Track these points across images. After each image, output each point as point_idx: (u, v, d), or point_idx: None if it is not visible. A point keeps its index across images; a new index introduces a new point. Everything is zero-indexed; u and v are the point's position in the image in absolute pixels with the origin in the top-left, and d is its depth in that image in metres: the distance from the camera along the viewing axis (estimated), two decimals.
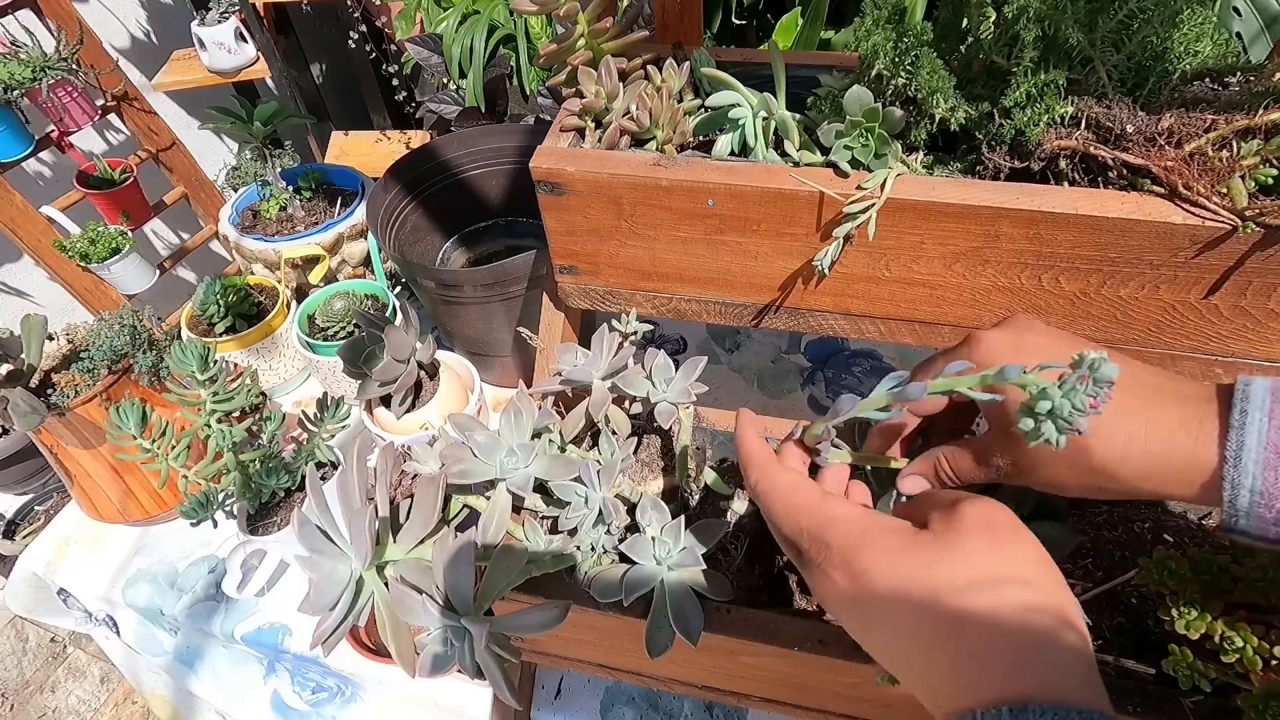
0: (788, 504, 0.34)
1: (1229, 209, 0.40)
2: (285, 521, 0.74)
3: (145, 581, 0.86)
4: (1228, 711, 0.37)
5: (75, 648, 1.72)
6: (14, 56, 1.13)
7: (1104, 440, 0.32)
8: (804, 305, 0.54)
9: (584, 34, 0.54)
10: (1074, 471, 0.33)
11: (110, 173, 1.32)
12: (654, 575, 0.44)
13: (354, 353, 0.72)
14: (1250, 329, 0.45)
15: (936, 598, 0.28)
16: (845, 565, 0.31)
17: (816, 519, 0.33)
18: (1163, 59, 0.44)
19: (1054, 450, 0.30)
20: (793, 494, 0.35)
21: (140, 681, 1.02)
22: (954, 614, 0.27)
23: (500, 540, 0.46)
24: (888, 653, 0.30)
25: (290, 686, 0.86)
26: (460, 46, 1.30)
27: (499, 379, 0.96)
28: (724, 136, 0.52)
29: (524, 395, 0.52)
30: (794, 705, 0.55)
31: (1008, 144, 0.46)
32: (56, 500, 1.17)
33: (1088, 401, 0.27)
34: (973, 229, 0.45)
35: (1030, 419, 0.29)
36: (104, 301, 1.29)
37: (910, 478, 0.39)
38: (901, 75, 0.46)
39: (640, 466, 0.57)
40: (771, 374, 0.98)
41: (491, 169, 0.98)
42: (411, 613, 0.41)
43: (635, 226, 0.52)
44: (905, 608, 0.29)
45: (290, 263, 1.03)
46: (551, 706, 0.73)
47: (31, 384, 0.73)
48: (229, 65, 1.55)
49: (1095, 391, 0.27)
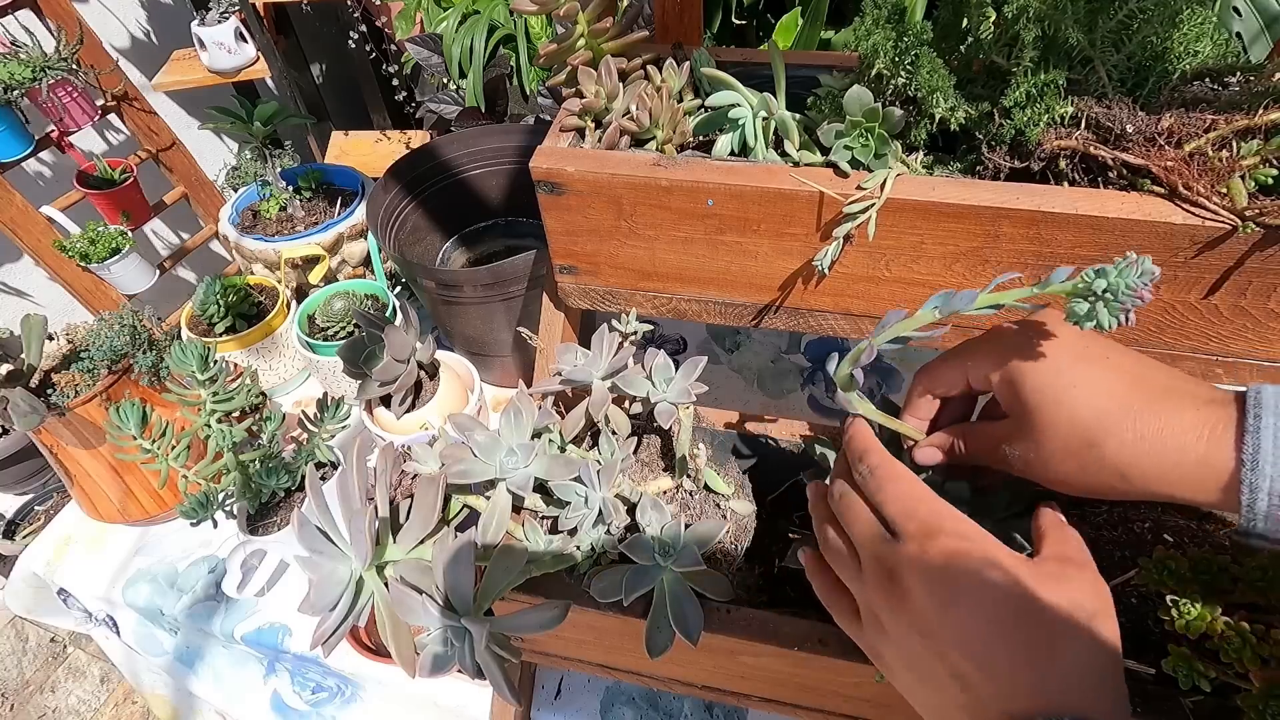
0: (908, 488, 0.35)
1: (1229, 209, 0.40)
2: (285, 521, 0.74)
3: (145, 581, 0.86)
4: (1228, 711, 0.37)
5: (75, 648, 1.72)
6: (14, 56, 1.13)
7: (1114, 439, 0.32)
8: (804, 305, 0.54)
9: (584, 34, 0.54)
10: (1083, 471, 0.33)
11: (110, 173, 1.32)
12: (654, 575, 0.44)
13: (354, 353, 0.72)
14: (1250, 329, 0.45)
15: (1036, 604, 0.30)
16: (954, 536, 0.32)
17: (934, 507, 0.34)
18: (1163, 59, 0.44)
19: (1064, 447, 0.32)
20: (915, 483, 0.36)
21: (140, 681, 1.02)
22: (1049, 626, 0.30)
23: (500, 540, 0.46)
24: (959, 632, 0.31)
25: (290, 686, 0.86)
26: (460, 46, 1.30)
27: (499, 379, 0.96)
28: (724, 136, 0.52)
29: (524, 395, 0.52)
30: (794, 705, 0.55)
31: (1008, 144, 0.46)
32: (56, 500, 1.18)
33: (1138, 286, 0.28)
34: (973, 229, 0.45)
35: (1084, 302, 0.29)
36: (104, 301, 1.29)
37: (926, 449, 0.41)
38: (901, 75, 0.46)
39: (640, 466, 0.57)
40: (771, 374, 0.98)
41: (491, 169, 0.98)
42: (411, 613, 0.40)
43: (635, 226, 0.52)
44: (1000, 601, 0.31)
45: (290, 263, 1.03)
46: (551, 706, 0.73)
47: (31, 384, 0.73)
48: (229, 65, 1.54)
49: (1144, 280, 0.28)
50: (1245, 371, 0.48)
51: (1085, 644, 0.30)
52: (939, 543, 0.32)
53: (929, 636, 0.32)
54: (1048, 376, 0.34)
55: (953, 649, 0.31)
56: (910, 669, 0.33)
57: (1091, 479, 0.33)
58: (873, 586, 0.34)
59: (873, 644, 0.36)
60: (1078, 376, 0.34)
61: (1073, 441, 0.33)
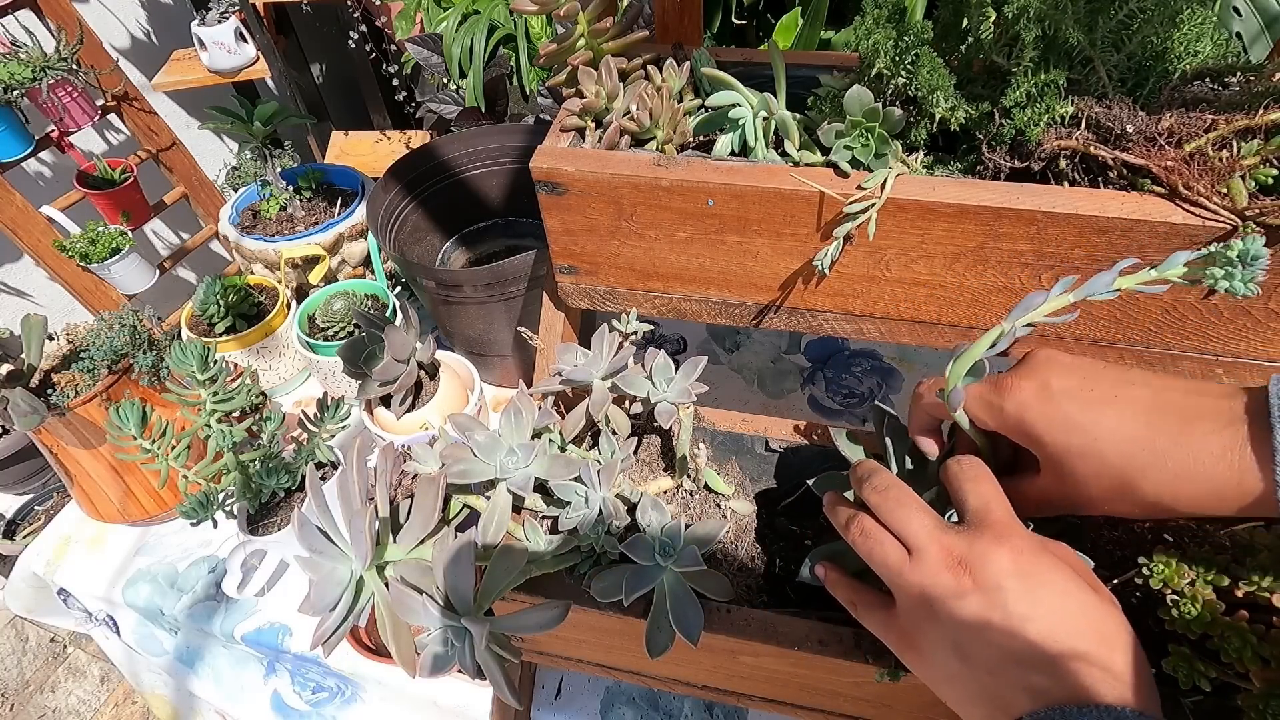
0: (994, 489, 0.37)
1: (1229, 209, 0.40)
2: (285, 521, 0.74)
3: (145, 581, 0.86)
4: (1228, 711, 0.37)
5: (75, 648, 1.72)
6: (14, 56, 1.13)
7: (1149, 482, 0.33)
8: (804, 305, 0.54)
9: (584, 34, 0.54)
10: (1131, 507, 0.35)
11: (110, 173, 1.32)
12: (654, 575, 0.44)
13: (354, 353, 0.72)
14: (1250, 329, 0.45)
15: (1100, 603, 0.33)
16: (1028, 537, 0.35)
17: (1011, 511, 0.36)
18: (1163, 59, 0.44)
19: (1102, 494, 0.35)
20: (998, 486, 0.37)
21: (140, 681, 1.02)
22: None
23: (500, 540, 0.46)
24: (1042, 617, 0.32)
25: (290, 686, 0.86)
26: (460, 46, 1.30)
27: (499, 379, 0.96)
28: (724, 136, 0.52)
29: (524, 395, 0.52)
30: (794, 705, 0.55)
31: (1008, 144, 0.46)
32: (56, 500, 1.18)
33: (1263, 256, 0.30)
34: (973, 229, 0.45)
35: (1218, 269, 0.31)
36: (104, 301, 1.29)
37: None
38: (901, 74, 0.46)
39: (640, 466, 0.57)
40: (771, 374, 0.98)
41: (491, 169, 0.98)
42: (411, 613, 0.41)
43: (635, 226, 0.52)
44: (1076, 593, 0.33)
45: (290, 263, 1.03)
46: (551, 706, 0.73)
47: (31, 384, 0.73)
48: (229, 65, 1.55)
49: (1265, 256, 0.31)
50: (1245, 371, 0.48)
51: (1134, 647, 0.31)
52: (1017, 539, 0.34)
53: (1006, 619, 0.32)
54: (1061, 433, 0.35)
55: (1030, 632, 0.32)
56: (957, 652, 0.34)
57: (1139, 512, 0.35)
58: (934, 571, 0.35)
59: (908, 631, 0.37)
60: (1095, 428, 0.34)
61: (1110, 488, 0.35)
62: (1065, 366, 0.36)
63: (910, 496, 0.38)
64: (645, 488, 0.55)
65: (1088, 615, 0.32)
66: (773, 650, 0.46)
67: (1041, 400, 0.36)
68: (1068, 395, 0.35)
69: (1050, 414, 0.35)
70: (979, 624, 0.33)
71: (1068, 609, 0.32)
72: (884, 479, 0.40)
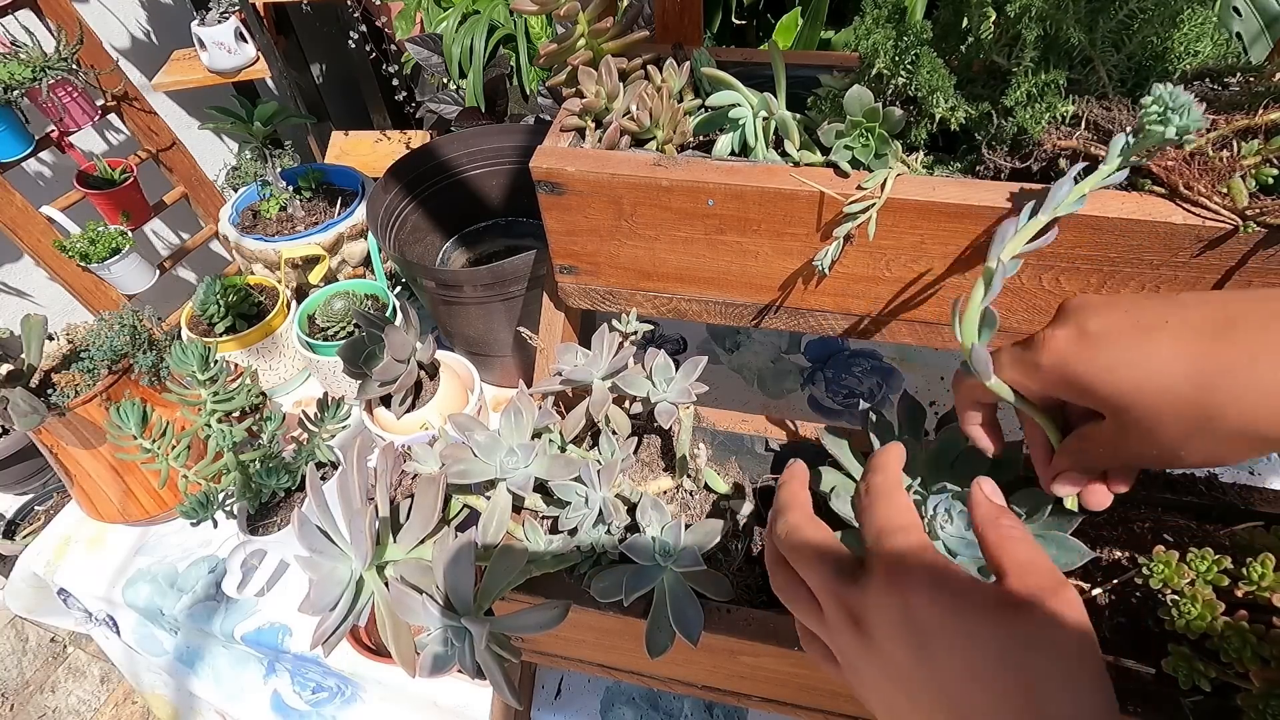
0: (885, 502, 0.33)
1: (1230, 209, 0.40)
2: (285, 521, 0.74)
3: (145, 581, 0.86)
4: (1228, 711, 0.37)
5: (75, 648, 1.72)
6: (14, 56, 1.13)
7: (1233, 407, 0.28)
8: (804, 305, 0.54)
9: (584, 34, 0.54)
10: (1216, 447, 0.29)
11: (110, 173, 1.32)
12: (654, 575, 0.44)
13: (354, 353, 0.72)
14: None
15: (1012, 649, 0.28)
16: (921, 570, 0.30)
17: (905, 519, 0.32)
18: (1163, 59, 0.44)
19: (1183, 432, 0.29)
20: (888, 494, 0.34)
21: (140, 681, 1.02)
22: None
23: (500, 540, 0.46)
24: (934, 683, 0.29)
25: (290, 686, 0.86)
26: (460, 46, 1.30)
27: (499, 379, 0.96)
28: (724, 136, 0.52)
29: (524, 395, 0.52)
30: (794, 705, 0.55)
31: (1008, 144, 0.46)
32: (56, 500, 1.18)
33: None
34: (973, 229, 0.45)
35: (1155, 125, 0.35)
36: (104, 301, 1.29)
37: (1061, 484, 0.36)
38: (901, 74, 0.46)
39: (640, 466, 0.57)
40: (771, 374, 0.98)
41: (491, 169, 0.98)
42: (411, 613, 0.40)
43: (635, 226, 0.52)
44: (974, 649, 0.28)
45: (290, 263, 1.03)
46: (551, 706, 0.73)
47: (31, 384, 0.73)
48: (229, 65, 1.55)
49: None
50: None
51: (1070, 692, 0.27)
52: (914, 578, 0.29)
53: (902, 684, 0.29)
54: (1110, 373, 0.30)
55: (927, 699, 0.29)
56: (890, 713, 0.31)
57: (1226, 450, 0.29)
58: (838, 630, 0.32)
59: (851, 686, 0.34)
60: (1150, 360, 0.29)
61: (1187, 423, 0.29)
62: (1101, 303, 0.32)
63: (811, 541, 0.34)
64: (645, 488, 0.55)
65: (993, 672, 0.27)
66: (773, 650, 0.46)
67: (1081, 345, 0.31)
68: (1110, 332, 0.30)
69: (1093, 357, 0.31)
70: (884, 689, 0.30)
71: (962, 670, 0.28)
72: (794, 518, 0.35)
